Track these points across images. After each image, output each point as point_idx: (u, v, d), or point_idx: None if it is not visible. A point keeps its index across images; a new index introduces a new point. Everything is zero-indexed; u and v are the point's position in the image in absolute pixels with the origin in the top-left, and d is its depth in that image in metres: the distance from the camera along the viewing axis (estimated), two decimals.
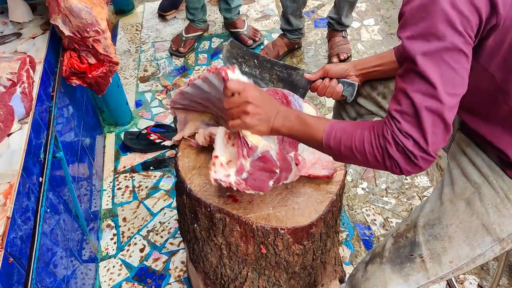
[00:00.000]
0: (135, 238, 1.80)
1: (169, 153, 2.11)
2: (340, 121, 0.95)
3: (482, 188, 1.02)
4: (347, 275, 1.55)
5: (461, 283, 1.62)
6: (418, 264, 1.03)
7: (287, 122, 0.96)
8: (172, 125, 2.21)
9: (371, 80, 1.34)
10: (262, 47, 2.60)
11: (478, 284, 1.62)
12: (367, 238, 1.77)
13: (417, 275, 1.03)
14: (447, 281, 1.62)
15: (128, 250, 1.77)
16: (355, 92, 1.33)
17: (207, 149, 1.24)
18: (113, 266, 1.72)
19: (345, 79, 1.31)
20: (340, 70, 1.30)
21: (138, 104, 2.36)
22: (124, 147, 2.14)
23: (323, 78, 1.33)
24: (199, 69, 2.55)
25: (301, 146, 1.19)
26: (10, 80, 1.17)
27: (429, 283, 1.05)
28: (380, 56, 1.30)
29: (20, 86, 1.18)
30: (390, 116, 0.83)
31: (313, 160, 1.20)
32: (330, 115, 1.26)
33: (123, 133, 2.17)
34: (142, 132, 2.12)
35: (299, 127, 0.95)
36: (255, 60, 1.29)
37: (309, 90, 1.35)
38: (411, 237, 1.06)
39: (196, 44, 2.69)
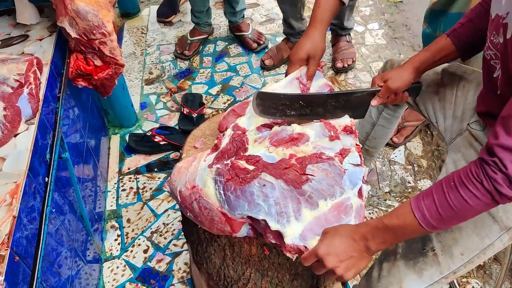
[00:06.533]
0: (139, 239, 1.81)
1: (173, 155, 2.12)
2: (418, 195, 0.90)
3: None
4: None
5: (464, 287, 1.62)
6: (430, 258, 1.06)
7: (380, 240, 0.93)
8: (177, 127, 2.22)
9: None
10: (266, 50, 2.62)
11: None
12: None
13: (430, 270, 1.06)
14: (449, 284, 1.62)
15: (132, 251, 1.77)
16: (420, 91, 1.27)
17: None
18: (117, 267, 1.73)
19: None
20: (404, 84, 1.19)
21: (143, 106, 2.38)
22: (128, 149, 2.15)
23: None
24: (203, 72, 2.56)
25: None
26: (18, 81, 1.19)
27: (443, 279, 1.07)
28: (438, 49, 1.19)
29: (27, 87, 1.19)
30: (492, 153, 0.80)
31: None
32: None
33: (128, 135, 2.18)
34: (147, 134, 2.13)
35: (391, 232, 0.91)
36: (301, 101, 1.17)
37: None
38: None
39: (201, 47, 2.70)
